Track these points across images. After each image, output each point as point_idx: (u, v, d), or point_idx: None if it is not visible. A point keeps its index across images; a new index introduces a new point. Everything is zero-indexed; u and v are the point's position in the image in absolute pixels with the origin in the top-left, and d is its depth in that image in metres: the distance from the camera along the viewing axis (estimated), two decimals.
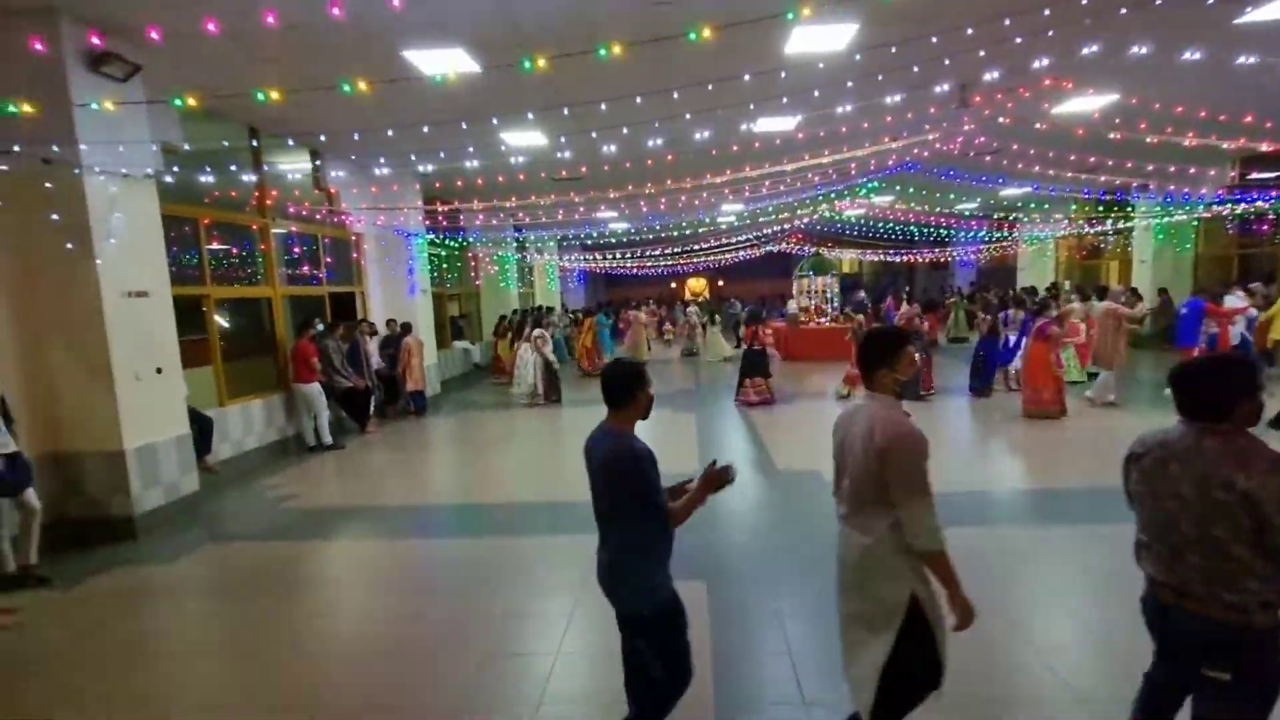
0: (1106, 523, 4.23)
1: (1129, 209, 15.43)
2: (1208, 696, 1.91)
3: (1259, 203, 11.35)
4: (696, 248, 18.93)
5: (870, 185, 11.94)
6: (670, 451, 7.41)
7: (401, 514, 5.93)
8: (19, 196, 4.97)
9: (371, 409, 9.41)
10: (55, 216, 5.00)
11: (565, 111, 5.99)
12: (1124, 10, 5.12)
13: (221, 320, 7.65)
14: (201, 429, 6.53)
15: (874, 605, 2.15)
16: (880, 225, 17.95)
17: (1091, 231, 16.92)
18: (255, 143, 7.84)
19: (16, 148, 4.76)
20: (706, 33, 4.34)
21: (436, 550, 5.12)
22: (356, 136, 7.23)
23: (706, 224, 16.24)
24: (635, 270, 20.09)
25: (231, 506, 6.32)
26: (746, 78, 5.57)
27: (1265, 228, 13.92)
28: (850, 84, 6.37)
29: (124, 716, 3.13)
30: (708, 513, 5.31)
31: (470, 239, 14.14)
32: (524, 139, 8.42)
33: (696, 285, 31.51)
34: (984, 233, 18.51)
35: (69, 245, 5.04)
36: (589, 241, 18.86)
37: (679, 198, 10.82)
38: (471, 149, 7.85)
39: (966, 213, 18.82)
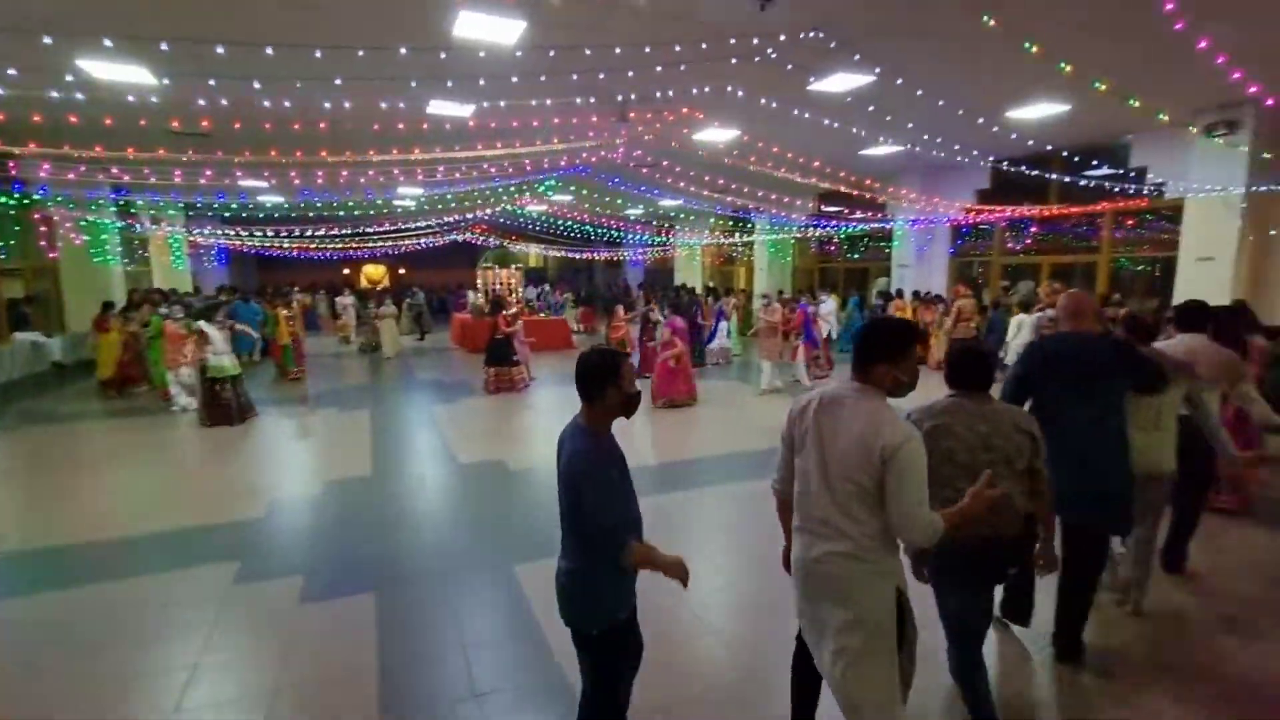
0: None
1: (751, 226, 19.00)
2: None
3: (828, 229, 15.04)
4: (370, 231, 17.25)
5: (548, 183, 12.35)
6: (339, 454, 6.61)
7: None
8: None
9: None
10: None
11: (164, 46, 4.73)
12: (735, 60, 6.14)
13: None
14: None
15: (868, 611, 2.04)
16: (560, 223, 18.83)
17: (726, 242, 20.43)
18: None
19: None
20: None
21: None
22: None
23: (380, 206, 14.90)
24: (295, 252, 17.43)
25: None
26: (403, 51, 5.14)
27: (833, 248, 18.63)
28: (515, 80, 6.38)
29: None
30: (380, 518, 4.88)
31: (36, 195, 10.51)
32: (115, 72, 6.46)
33: (375, 272, 29.01)
34: (648, 237, 20.88)
35: None
36: (227, 214, 15.64)
37: (339, 173, 9.66)
38: (14, 72, 5.64)
39: (633, 217, 20.93)
